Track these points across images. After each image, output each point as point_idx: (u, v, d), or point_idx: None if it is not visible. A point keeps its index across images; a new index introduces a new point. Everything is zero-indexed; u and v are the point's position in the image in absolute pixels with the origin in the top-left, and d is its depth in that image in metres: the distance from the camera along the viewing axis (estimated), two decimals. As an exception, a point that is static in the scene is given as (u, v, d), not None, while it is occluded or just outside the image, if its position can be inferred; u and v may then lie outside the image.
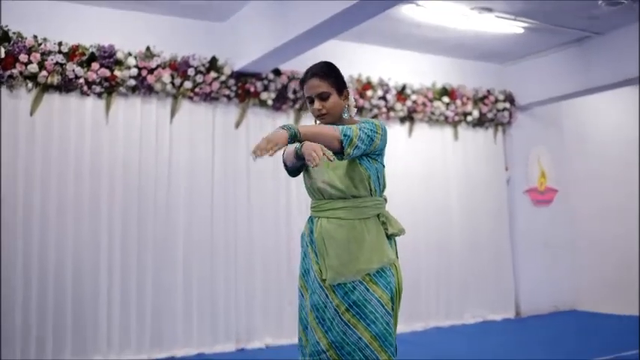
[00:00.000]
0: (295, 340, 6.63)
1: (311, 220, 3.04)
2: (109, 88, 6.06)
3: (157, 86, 6.21)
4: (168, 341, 6.16)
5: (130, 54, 6.13)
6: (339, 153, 2.76)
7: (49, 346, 5.64)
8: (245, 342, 6.50)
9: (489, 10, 6.61)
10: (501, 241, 8.38)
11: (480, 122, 8.33)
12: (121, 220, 6.07)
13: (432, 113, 7.83)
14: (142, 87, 6.17)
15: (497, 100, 8.40)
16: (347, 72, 7.31)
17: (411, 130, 7.77)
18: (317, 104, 2.96)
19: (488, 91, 8.38)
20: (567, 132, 9.22)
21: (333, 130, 2.74)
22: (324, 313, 2.87)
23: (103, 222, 5.99)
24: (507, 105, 8.48)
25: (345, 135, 2.74)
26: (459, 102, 8.03)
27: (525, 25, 7.07)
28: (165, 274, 6.23)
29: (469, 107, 8.14)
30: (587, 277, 9.06)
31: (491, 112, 8.34)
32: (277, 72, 6.83)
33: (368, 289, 2.84)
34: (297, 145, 2.84)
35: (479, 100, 8.28)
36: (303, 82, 3.02)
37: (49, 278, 5.70)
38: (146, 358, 5.99)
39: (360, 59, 7.54)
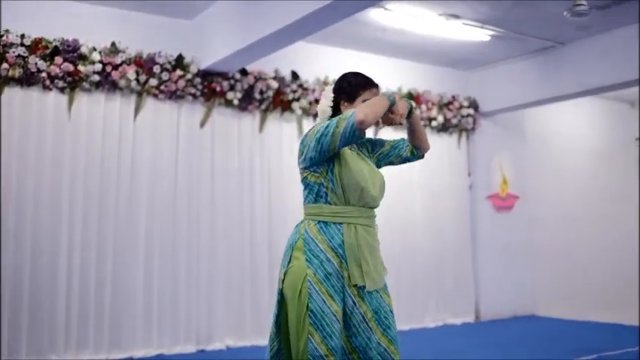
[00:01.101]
0: (256, 342, 6.63)
1: (332, 225, 2.97)
2: (72, 83, 5.96)
3: (122, 83, 6.13)
4: (127, 341, 6.07)
5: (94, 49, 6.04)
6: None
7: (4, 346, 5.51)
8: (205, 343, 6.44)
9: (456, 16, 6.67)
10: (463, 246, 8.45)
11: (445, 128, 8.38)
12: (82, 218, 5.96)
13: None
14: (106, 83, 6.09)
15: (461, 106, 8.46)
16: (312, 74, 7.33)
17: (375, 134, 7.77)
18: None
19: (453, 97, 8.44)
20: (529, 139, 9.34)
21: None
22: (350, 319, 2.91)
23: (62, 219, 5.88)
24: (471, 111, 8.55)
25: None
26: (424, 107, 8.07)
27: (491, 32, 7.14)
28: (126, 273, 6.14)
29: (434, 112, 8.18)
30: (546, 282, 9.17)
31: (456, 118, 8.40)
32: (244, 72, 6.79)
33: (381, 296, 2.99)
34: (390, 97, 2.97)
35: (444, 105, 8.33)
36: (369, 85, 3.11)
37: (4, 276, 5.57)
38: (104, 358, 5.90)
39: (326, 61, 7.54)
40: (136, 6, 6.32)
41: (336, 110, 3.09)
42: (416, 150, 3.31)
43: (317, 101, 7.24)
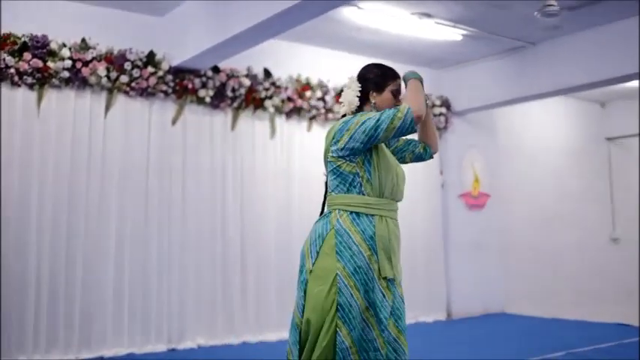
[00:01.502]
0: (227, 341, 6.61)
1: (364, 217, 3.00)
2: (42, 80, 5.88)
3: (92, 79, 6.07)
4: (97, 341, 6.01)
5: (64, 45, 5.97)
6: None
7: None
8: (177, 342, 6.40)
9: (429, 16, 6.69)
10: (435, 244, 8.48)
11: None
12: (51, 217, 5.88)
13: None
14: (76, 79, 6.02)
15: (434, 105, 8.49)
16: (286, 72, 7.32)
17: (348, 132, 7.78)
18: (399, 102, 3.18)
19: (426, 96, 8.44)
20: (501, 138, 9.40)
21: None
22: (380, 311, 2.94)
23: (31, 218, 5.79)
24: (444, 110, 8.59)
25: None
26: (396, 105, 8.07)
27: (464, 32, 7.17)
28: (96, 272, 6.07)
29: (406, 111, 8.19)
30: (516, 281, 9.24)
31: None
32: (216, 69, 6.76)
33: (397, 288, 3.07)
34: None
35: (416, 104, 8.33)
36: (396, 76, 3.23)
37: (-27, 274, 5.50)
38: (74, 358, 5.83)
39: (299, 60, 7.54)
40: (107, 2, 6.26)
41: (363, 100, 3.18)
42: (428, 147, 3.37)
43: (290, 99, 7.23)
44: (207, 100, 6.70)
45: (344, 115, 3.21)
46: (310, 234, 3.11)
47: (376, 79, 3.18)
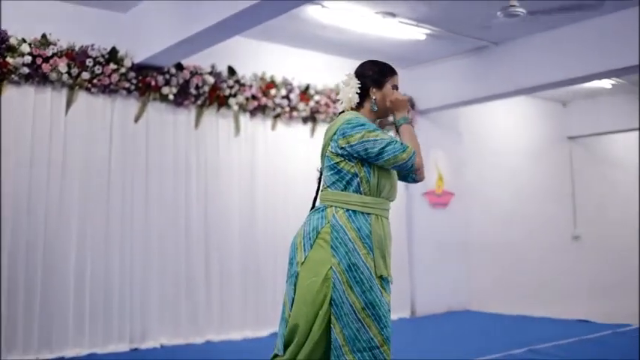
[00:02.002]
0: (192, 340, 6.57)
1: (360, 215, 3.01)
2: (1, 76, 5.77)
3: (53, 75, 5.98)
4: (58, 341, 5.91)
5: (24, 40, 5.87)
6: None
7: None
8: (139, 342, 6.35)
9: (393, 15, 6.71)
10: (399, 242, 8.48)
11: (381, 125, 8.40)
12: (10, 216, 5.77)
13: (335, 114, 7.87)
14: (36, 76, 5.92)
15: (398, 104, 8.51)
16: (251, 70, 7.29)
17: (313, 131, 7.79)
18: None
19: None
20: (465, 137, 9.47)
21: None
22: (379, 310, 2.95)
23: (-10, 216, 5.71)
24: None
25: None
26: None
27: (427, 31, 7.21)
28: (57, 271, 5.98)
29: (371, 110, 8.21)
30: (479, 278, 9.32)
31: (392, 116, 8.43)
32: (180, 66, 6.71)
33: None
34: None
35: (380, 103, 8.36)
36: (395, 71, 3.27)
37: None
38: (33, 358, 5.74)
39: (264, 57, 7.51)
40: (69, -3, 6.19)
41: (363, 97, 3.20)
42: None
43: (254, 97, 7.20)
44: (171, 97, 6.65)
45: (342, 112, 3.23)
46: (303, 227, 3.11)
47: (375, 76, 3.21)
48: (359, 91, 3.19)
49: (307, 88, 7.65)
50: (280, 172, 7.47)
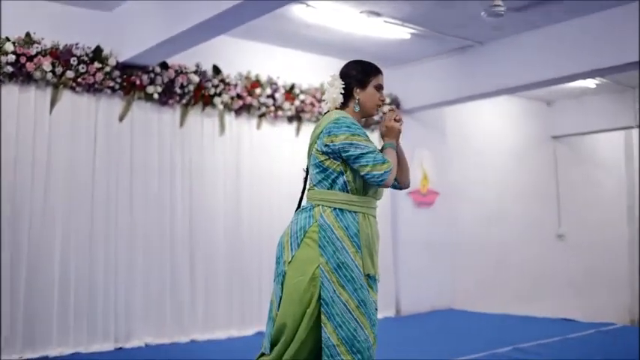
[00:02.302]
0: (176, 339, 6.56)
1: (348, 214, 3.02)
2: (-16, 75, 5.77)
3: (37, 74, 5.95)
4: (42, 340, 5.89)
5: (7, 39, 5.84)
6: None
7: None
8: (124, 341, 6.33)
9: (378, 14, 6.73)
10: (384, 241, 8.41)
11: (367, 124, 8.43)
12: (-6, 214, 5.77)
13: (320, 113, 7.87)
14: (20, 75, 5.90)
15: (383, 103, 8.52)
16: (236, 69, 7.29)
17: (298, 130, 7.79)
18: (383, 96, 3.31)
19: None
20: (450, 136, 9.50)
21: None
22: (369, 308, 2.97)
23: (-27, 215, 5.67)
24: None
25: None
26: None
27: (412, 31, 7.23)
28: (41, 270, 5.96)
29: (356, 109, 8.22)
30: (464, 277, 9.36)
31: (378, 115, 8.44)
32: (164, 65, 6.69)
33: None
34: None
35: (365, 102, 8.37)
36: (379, 70, 3.28)
37: None
38: (17, 358, 5.70)
39: (249, 57, 7.51)
40: (53, -4, 6.16)
41: (347, 97, 3.21)
42: (396, 181, 3.30)
43: (239, 96, 7.20)
44: (156, 96, 6.63)
45: (327, 112, 3.24)
46: (291, 226, 3.11)
47: (359, 76, 3.22)
48: (343, 92, 3.21)
49: (292, 87, 7.65)
50: (265, 172, 7.46)
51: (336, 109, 3.21)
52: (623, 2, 6.49)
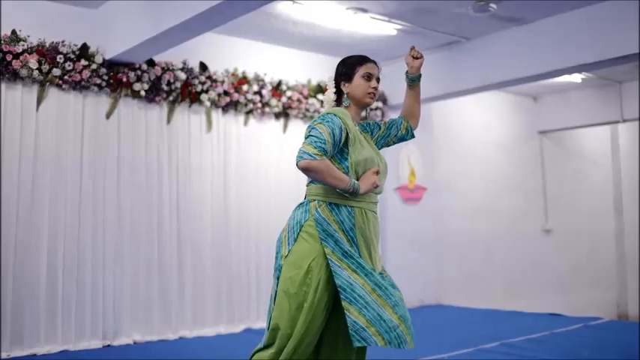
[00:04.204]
0: (164, 336, 6.56)
1: (343, 208, 3.03)
2: (-30, 73, 5.74)
3: (23, 72, 5.93)
4: (30, 338, 5.88)
5: (-7, 37, 5.84)
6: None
7: None
8: (112, 338, 6.33)
9: (364, 10, 6.74)
10: (372, 238, 8.51)
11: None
12: (-19, 212, 5.75)
13: (307, 110, 7.88)
14: (7, 72, 5.87)
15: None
16: (222, 66, 7.28)
17: (285, 126, 7.79)
18: (376, 84, 3.26)
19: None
20: (437, 132, 9.51)
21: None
22: (384, 291, 3.00)
23: (-40, 213, 5.65)
24: (380, 104, 8.66)
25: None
26: (333, 100, 8.10)
27: (398, 27, 7.25)
28: (28, 268, 5.94)
29: (343, 105, 8.23)
30: (451, 272, 9.39)
31: (365, 111, 8.45)
32: (151, 62, 6.67)
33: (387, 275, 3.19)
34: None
35: (353, 98, 8.38)
36: (364, 60, 3.26)
37: None
38: (5, 356, 5.70)
39: (235, 53, 7.51)
40: (38, -7, 6.13)
41: (339, 94, 3.26)
42: (410, 126, 3.45)
43: (226, 93, 7.20)
44: (142, 93, 6.62)
45: None
46: (288, 221, 3.13)
47: (344, 71, 3.26)
48: (335, 90, 3.27)
49: (279, 83, 7.65)
50: (252, 168, 7.46)
51: (333, 107, 3.26)
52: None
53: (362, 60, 3.26)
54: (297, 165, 2.93)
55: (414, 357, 5.35)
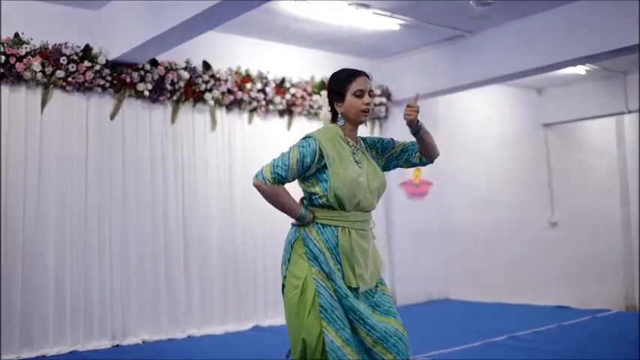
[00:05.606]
0: (172, 335, 6.57)
1: (328, 228, 3.08)
2: (-26, 76, 5.75)
3: (27, 74, 5.94)
4: (39, 339, 5.90)
5: (-4, 40, 5.85)
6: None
7: None
8: (121, 338, 6.34)
9: (366, 6, 6.72)
10: (377, 233, 8.45)
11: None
12: (-12, 215, 5.76)
13: (311, 107, 7.87)
14: (10, 75, 5.89)
15: (374, 95, 8.53)
16: (226, 64, 7.29)
17: (290, 124, 7.79)
18: (369, 99, 3.22)
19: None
20: (442, 126, 9.47)
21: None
22: (361, 314, 3.02)
23: (-33, 217, 5.66)
24: (384, 100, 8.66)
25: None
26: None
27: (401, 22, 7.23)
28: (36, 270, 5.96)
29: (347, 101, 8.22)
30: (459, 267, 9.38)
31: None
32: (154, 62, 6.68)
33: (380, 290, 3.18)
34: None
35: (356, 94, 8.38)
36: (353, 76, 3.21)
37: None
38: (15, 357, 5.71)
39: (239, 52, 7.51)
40: (40, -4, 6.14)
41: (335, 113, 3.25)
42: (424, 158, 3.41)
43: (230, 92, 7.20)
44: (146, 93, 6.62)
45: None
46: (285, 239, 3.23)
47: (335, 90, 3.23)
48: (330, 108, 3.27)
49: (283, 81, 7.65)
50: (257, 166, 7.29)
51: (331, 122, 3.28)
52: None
53: (351, 76, 3.21)
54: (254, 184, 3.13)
55: (423, 352, 5.33)
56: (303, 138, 3.12)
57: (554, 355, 5.35)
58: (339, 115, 3.22)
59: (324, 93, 3.31)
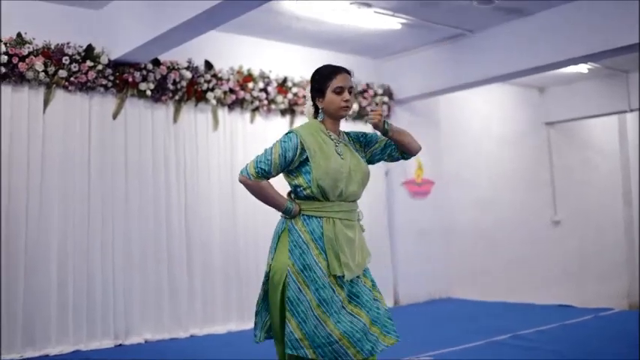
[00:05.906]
0: (175, 335, 6.58)
1: (314, 219, 3.17)
2: (-23, 76, 5.76)
3: (29, 74, 5.95)
4: (42, 339, 5.91)
5: (-1, 40, 5.86)
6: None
7: None
8: (124, 338, 6.35)
9: (368, 5, 6.73)
10: (380, 233, 8.51)
11: (360, 116, 8.44)
12: (-10, 215, 5.77)
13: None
14: (13, 75, 5.90)
15: (375, 94, 8.55)
16: (227, 64, 7.29)
17: (292, 123, 7.80)
18: (348, 96, 3.26)
19: (367, 85, 8.52)
20: (444, 125, 9.50)
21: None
22: (331, 307, 3.07)
23: (-30, 216, 5.67)
24: (386, 99, 8.65)
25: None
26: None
27: (403, 21, 7.24)
28: (39, 269, 5.96)
29: (349, 101, 8.22)
30: (461, 266, 9.38)
31: (370, 106, 8.47)
32: (156, 62, 6.69)
33: (362, 281, 3.26)
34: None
35: (358, 93, 8.40)
36: (333, 73, 3.27)
37: None
38: (18, 357, 5.73)
39: (240, 51, 7.51)
40: (42, -5, 6.15)
41: (317, 108, 3.33)
42: (405, 154, 3.47)
43: (232, 91, 7.21)
44: (148, 93, 6.63)
45: None
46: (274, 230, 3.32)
47: (316, 86, 3.31)
48: (312, 104, 3.35)
49: (285, 80, 7.66)
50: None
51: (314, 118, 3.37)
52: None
53: (332, 73, 3.28)
54: (239, 177, 3.25)
55: (425, 351, 5.34)
56: (286, 133, 3.22)
57: (557, 354, 5.35)
58: (320, 112, 3.31)
59: (308, 88, 3.37)
